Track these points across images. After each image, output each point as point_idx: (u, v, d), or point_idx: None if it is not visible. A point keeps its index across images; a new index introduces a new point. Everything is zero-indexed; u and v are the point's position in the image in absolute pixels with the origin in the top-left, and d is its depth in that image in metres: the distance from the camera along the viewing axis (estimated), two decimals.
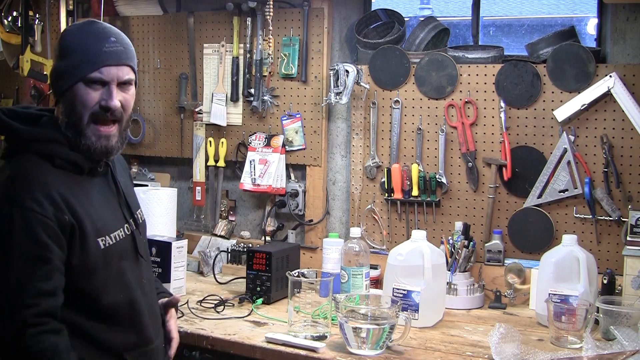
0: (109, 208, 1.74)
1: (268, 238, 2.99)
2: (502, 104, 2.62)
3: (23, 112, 1.70)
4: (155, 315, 1.83)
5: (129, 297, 1.72)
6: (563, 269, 2.25)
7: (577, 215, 2.55)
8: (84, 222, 1.61)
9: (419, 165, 2.76)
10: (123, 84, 1.69)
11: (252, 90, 3.02)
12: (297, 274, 2.20)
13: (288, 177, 3.03)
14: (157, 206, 2.78)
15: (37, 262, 1.54)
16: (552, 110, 2.57)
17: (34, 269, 1.53)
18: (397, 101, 2.79)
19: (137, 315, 1.73)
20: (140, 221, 1.88)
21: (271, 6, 2.85)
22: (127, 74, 1.69)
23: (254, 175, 2.98)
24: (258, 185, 2.97)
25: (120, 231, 1.73)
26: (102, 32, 1.68)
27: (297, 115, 2.98)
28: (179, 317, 2.27)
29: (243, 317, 2.31)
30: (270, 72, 2.98)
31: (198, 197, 3.20)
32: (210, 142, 3.15)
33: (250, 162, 3.00)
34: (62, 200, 1.58)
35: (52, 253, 1.55)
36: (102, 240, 1.66)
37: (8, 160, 1.66)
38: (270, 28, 2.90)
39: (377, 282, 2.64)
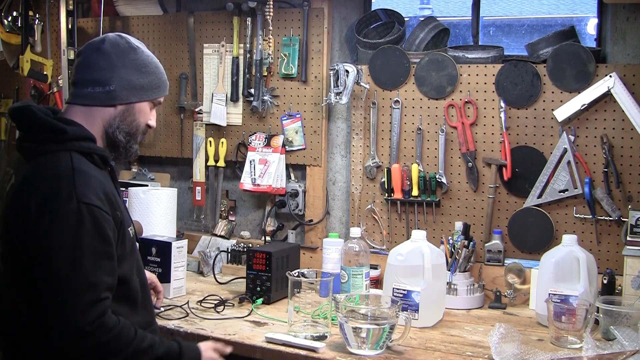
0: (120, 198, 1.86)
1: (268, 238, 2.99)
2: (502, 104, 2.62)
3: (45, 110, 1.77)
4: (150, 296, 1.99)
5: (141, 279, 1.86)
6: (563, 269, 2.25)
7: (577, 215, 2.55)
8: (123, 214, 1.77)
9: (419, 165, 2.76)
10: None
11: (252, 90, 3.02)
12: (297, 274, 2.20)
13: (288, 177, 3.03)
14: (157, 206, 2.78)
15: (106, 257, 1.64)
16: (552, 110, 2.57)
17: (103, 263, 1.63)
18: (397, 101, 2.79)
19: (147, 296, 1.88)
20: None
21: (271, 6, 2.85)
22: None
23: (254, 175, 2.98)
24: (258, 185, 2.97)
25: (129, 218, 1.88)
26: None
27: (297, 115, 2.98)
28: (181, 317, 2.29)
29: (243, 317, 2.31)
30: (270, 72, 2.98)
31: (198, 197, 3.20)
32: (210, 142, 3.15)
33: (250, 162, 3.00)
34: (112, 197, 1.72)
35: (113, 249, 1.67)
36: (130, 229, 1.81)
37: (50, 155, 1.69)
38: (270, 28, 2.90)
39: (377, 282, 2.64)
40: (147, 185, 3.07)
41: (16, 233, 1.63)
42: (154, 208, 2.77)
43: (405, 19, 2.92)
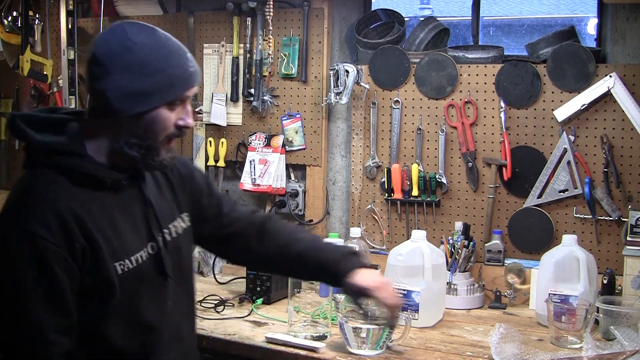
0: (133, 226, 1.58)
1: None
2: (502, 104, 2.62)
3: (45, 117, 1.56)
4: (182, 339, 1.71)
5: (144, 321, 1.58)
6: (563, 269, 2.25)
7: (577, 215, 2.55)
8: (99, 243, 1.48)
9: (419, 165, 2.76)
10: None
11: (252, 90, 3.02)
12: None
13: (288, 177, 3.03)
14: None
15: (51, 295, 1.42)
16: (552, 110, 2.57)
17: (50, 303, 1.42)
18: (397, 101, 2.79)
19: (154, 344, 1.61)
20: (174, 235, 1.68)
21: (271, 6, 2.85)
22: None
23: (254, 175, 2.98)
24: (258, 185, 2.97)
25: (144, 252, 1.58)
26: (181, 48, 1.54)
27: (297, 115, 2.98)
28: None
29: (243, 317, 2.31)
30: (270, 72, 2.98)
31: None
32: (210, 142, 3.15)
33: (250, 162, 3.00)
34: (74, 222, 1.45)
35: (64, 285, 1.43)
36: (120, 264, 1.52)
37: (27, 172, 1.53)
38: (270, 28, 2.90)
39: None
40: None
41: None
42: None
43: (405, 19, 2.91)
